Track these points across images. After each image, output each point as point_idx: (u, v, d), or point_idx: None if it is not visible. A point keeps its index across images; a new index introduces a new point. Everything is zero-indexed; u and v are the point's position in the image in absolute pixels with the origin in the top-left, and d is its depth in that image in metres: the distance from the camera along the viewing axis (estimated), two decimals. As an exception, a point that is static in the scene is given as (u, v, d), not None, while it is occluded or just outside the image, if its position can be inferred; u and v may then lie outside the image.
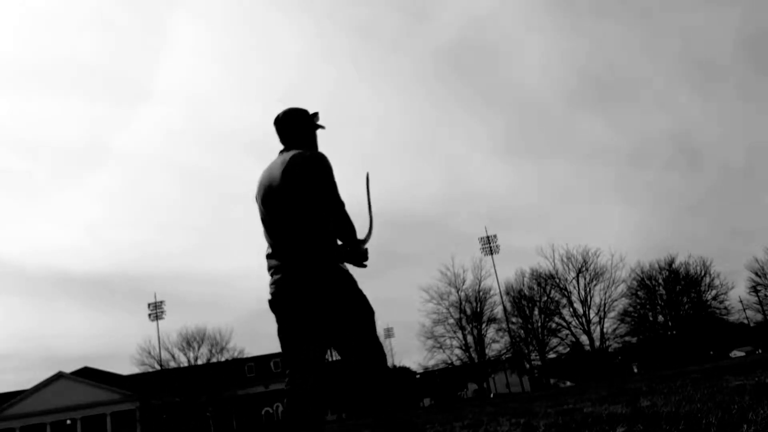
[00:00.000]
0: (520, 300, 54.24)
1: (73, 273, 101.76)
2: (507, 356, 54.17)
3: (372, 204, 3.13)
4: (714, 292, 52.91)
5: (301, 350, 2.66)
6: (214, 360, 53.65)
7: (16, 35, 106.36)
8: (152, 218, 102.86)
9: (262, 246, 2.93)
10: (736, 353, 55.16)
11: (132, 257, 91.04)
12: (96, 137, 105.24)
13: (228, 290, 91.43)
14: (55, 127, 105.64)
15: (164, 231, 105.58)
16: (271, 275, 2.79)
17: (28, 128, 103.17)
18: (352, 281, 2.77)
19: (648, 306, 54.21)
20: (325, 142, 3.18)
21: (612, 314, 51.90)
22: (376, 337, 2.75)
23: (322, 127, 3.08)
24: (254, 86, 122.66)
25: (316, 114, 3.05)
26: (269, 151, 3.01)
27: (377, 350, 2.72)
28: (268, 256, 2.83)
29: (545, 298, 53.63)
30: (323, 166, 2.78)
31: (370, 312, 2.76)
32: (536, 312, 53.71)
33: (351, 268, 2.87)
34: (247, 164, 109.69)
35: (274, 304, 2.75)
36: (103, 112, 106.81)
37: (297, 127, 3.00)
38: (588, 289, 51.92)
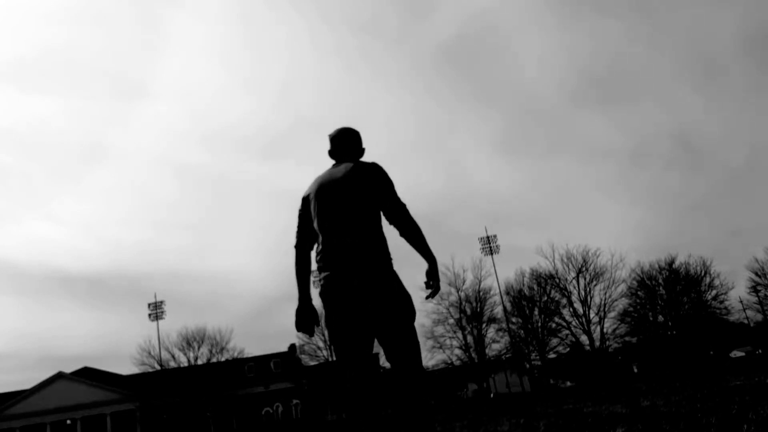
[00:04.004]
0: (520, 300, 54.19)
1: (71, 272, 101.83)
2: (507, 356, 54.12)
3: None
4: (714, 292, 52.82)
5: (349, 342, 2.92)
6: (214, 360, 53.65)
7: (12, 32, 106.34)
8: (150, 217, 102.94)
9: (262, 246, 2.98)
10: (736, 353, 55.13)
11: (130, 256, 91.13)
12: (93, 135, 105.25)
13: (228, 290, 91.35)
14: (52, 125, 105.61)
15: (163, 230, 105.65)
16: (324, 265, 3.04)
17: (25, 126, 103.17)
18: (399, 282, 3.00)
19: (648, 306, 54.13)
20: (323, 140, 3.40)
21: (612, 314, 51.84)
22: (415, 337, 2.97)
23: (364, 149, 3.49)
24: (252, 84, 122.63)
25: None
26: (268, 149, 3.07)
27: (415, 350, 2.94)
28: (324, 249, 3.07)
29: (545, 298, 53.56)
30: (384, 173, 3.17)
31: (412, 313, 2.99)
32: (536, 312, 53.64)
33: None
34: (247, 162, 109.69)
35: (325, 294, 3.00)
36: (100, 110, 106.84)
37: (353, 143, 3.41)
38: (588, 289, 51.87)
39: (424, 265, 3.11)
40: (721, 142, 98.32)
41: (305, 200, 3.27)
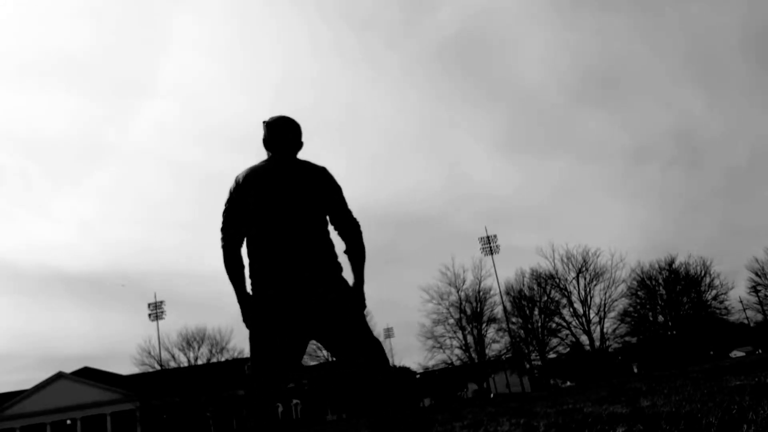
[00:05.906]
0: (520, 300, 54.27)
1: (70, 272, 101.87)
2: (507, 356, 54.17)
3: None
4: (714, 292, 52.94)
5: (279, 344, 2.74)
6: (214, 360, 53.68)
7: (9, 30, 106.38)
8: (150, 217, 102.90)
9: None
10: (736, 353, 55.17)
11: (130, 256, 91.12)
12: (90, 134, 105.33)
13: (228, 290, 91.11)
14: (49, 123, 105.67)
15: (162, 229, 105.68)
16: (262, 269, 2.85)
17: (21, 125, 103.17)
18: (347, 286, 2.83)
19: (648, 306, 54.20)
20: (323, 139, 3.27)
21: (612, 314, 51.95)
22: (370, 332, 2.76)
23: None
24: (252, 83, 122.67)
25: None
26: (262, 147, 3.03)
27: (375, 345, 2.73)
28: (265, 252, 2.83)
29: (545, 298, 53.64)
30: (335, 181, 2.96)
31: (361, 307, 2.82)
32: (536, 312, 53.72)
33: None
34: (246, 161, 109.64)
35: (262, 299, 2.86)
36: (97, 108, 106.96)
37: (293, 135, 3.03)
38: (588, 289, 51.96)
39: (426, 267, 2.99)
40: (722, 142, 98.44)
41: (238, 191, 2.88)
